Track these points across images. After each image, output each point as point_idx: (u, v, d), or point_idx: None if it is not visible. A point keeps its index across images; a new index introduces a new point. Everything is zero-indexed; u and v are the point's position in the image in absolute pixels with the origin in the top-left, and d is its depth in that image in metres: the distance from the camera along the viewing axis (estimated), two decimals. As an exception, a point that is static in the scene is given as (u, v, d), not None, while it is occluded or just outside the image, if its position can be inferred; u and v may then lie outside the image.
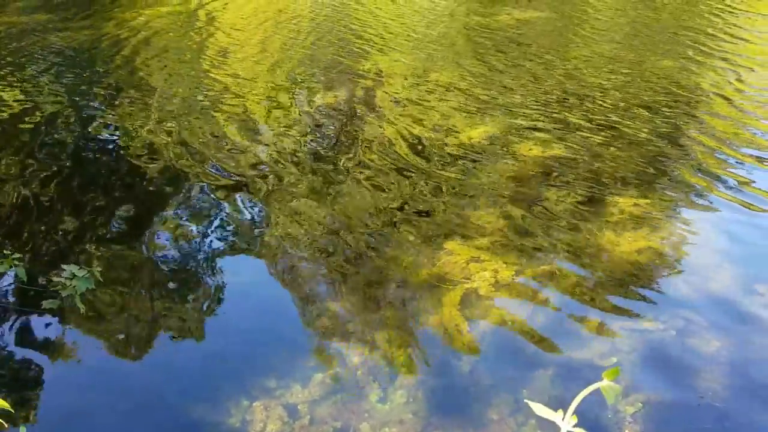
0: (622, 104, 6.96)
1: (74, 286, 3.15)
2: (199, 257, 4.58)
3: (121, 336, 3.81)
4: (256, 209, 5.10)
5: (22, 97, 7.17)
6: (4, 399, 1.69)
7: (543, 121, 6.52)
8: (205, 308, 4.10)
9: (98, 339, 3.79)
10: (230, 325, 3.97)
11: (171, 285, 4.29)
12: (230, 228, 4.93)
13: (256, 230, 4.86)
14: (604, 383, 1.39)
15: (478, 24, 10.20)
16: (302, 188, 5.34)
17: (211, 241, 4.75)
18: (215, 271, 4.43)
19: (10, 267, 3.40)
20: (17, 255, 3.47)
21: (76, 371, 3.61)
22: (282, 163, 5.77)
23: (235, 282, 4.33)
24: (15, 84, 7.54)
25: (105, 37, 9.23)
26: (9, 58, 8.39)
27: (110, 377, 3.57)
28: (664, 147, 6.03)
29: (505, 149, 5.96)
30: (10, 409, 1.64)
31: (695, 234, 4.73)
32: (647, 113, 6.71)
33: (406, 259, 4.44)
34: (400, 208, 5.04)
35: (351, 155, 5.94)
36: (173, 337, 3.86)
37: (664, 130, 6.36)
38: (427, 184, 5.41)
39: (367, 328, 3.88)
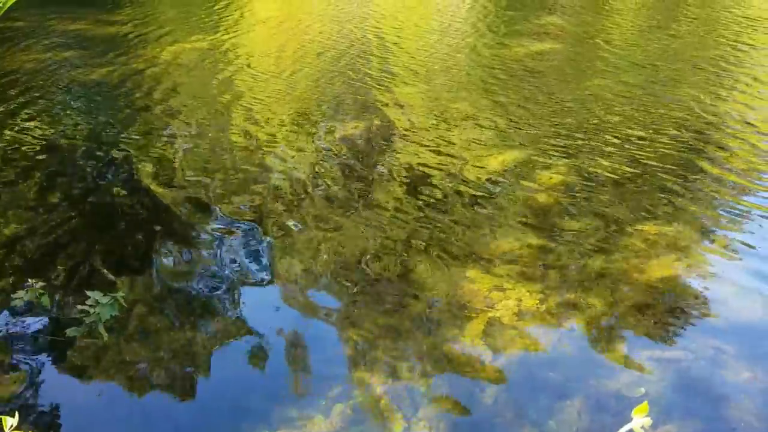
0: (641, 133, 6.93)
1: (98, 313, 3.15)
2: (218, 286, 4.58)
3: (143, 365, 3.80)
4: (276, 238, 5.11)
5: (45, 129, 7.30)
6: (29, 429, 1.68)
7: (563, 150, 6.51)
8: (225, 337, 4.07)
9: (120, 368, 3.78)
10: (251, 355, 3.94)
11: (192, 313, 4.29)
12: (250, 257, 4.93)
13: (276, 259, 4.85)
14: (636, 423, 1.35)
15: (494, 56, 10.27)
16: (322, 217, 5.35)
17: (230, 271, 4.75)
18: (235, 301, 4.42)
19: (35, 295, 3.41)
20: (41, 283, 3.48)
21: (98, 401, 3.59)
22: (301, 193, 5.79)
23: (256, 311, 4.31)
24: (39, 118, 7.68)
25: (128, 73, 9.41)
26: (35, 94, 8.57)
27: (131, 407, 3.55)
28: (686, 176, 5.98)
29: (525, 178, 5.95)
30: None
31: (721, 262, 4.65)
32: (667, 142, 6.67)
33: (427, 288, 4.40)
34: (421, 237, 5.02)
35: (370, 184, 5.95)
36: (193, 367, 3.83)
37: (686, 159, 6.32)
38: (447, 213, 5.39)
39: (389, 358, 3.83)
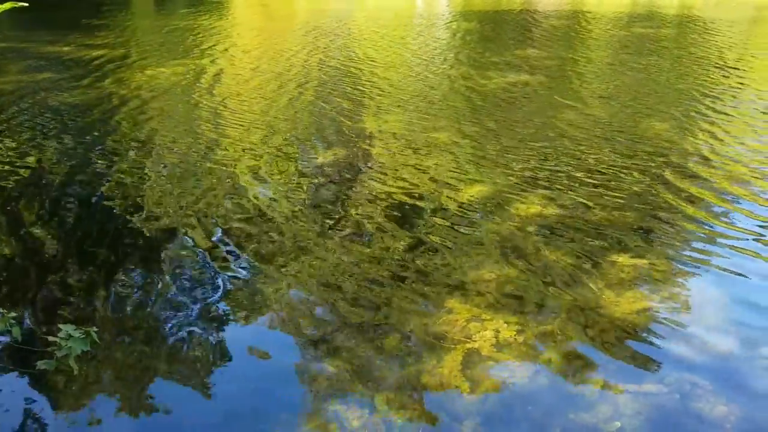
0: (616, 165, 7.05)
1: (70, 347, 3.10)
2: (193, 318, 4.53)
3: (116, 398, 3.73)
4: (253, 268, 5.08)
5: (17, 154, 7.22)
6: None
7: (539, 182, 6.59)
8: (196, 371, 4.02)
9: (92, 401, 3.71)
10: (224, 389, 3.88)
11: (164, 345, 4.23)
12: (226, 287, 4.89)
13: (252, 289, 4.82)
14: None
15: (472, 86, 10.42)
16: (299, 247, 5.33)
17: (206, 301, 4.70)
18: (210, 333, 4.36)
19: (6, 325, 3.35)
20: (13, 314, 3.42)
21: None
22: (279, 222, 5.78)
23: (229, 343, 4.26)
24: (15, 143, 7.60)
25: (104, 97, 9.38)
26: (12, 117, 8.48)
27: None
28: (660, 207, 6.07)
29: (502, 208, 6.00)
30: None
31: (696, 295, 4.71)
32: (642, 174, 6.79)
33: (404, 318, 4.39)
34: (398, 267, 5.03)
35: (348, 214, 5.96)
36: (166, 402, 3.77)
37: (660, 190, 6.42)
38: (425, 243, 5.41)
39: (366, 390, 3.80)
